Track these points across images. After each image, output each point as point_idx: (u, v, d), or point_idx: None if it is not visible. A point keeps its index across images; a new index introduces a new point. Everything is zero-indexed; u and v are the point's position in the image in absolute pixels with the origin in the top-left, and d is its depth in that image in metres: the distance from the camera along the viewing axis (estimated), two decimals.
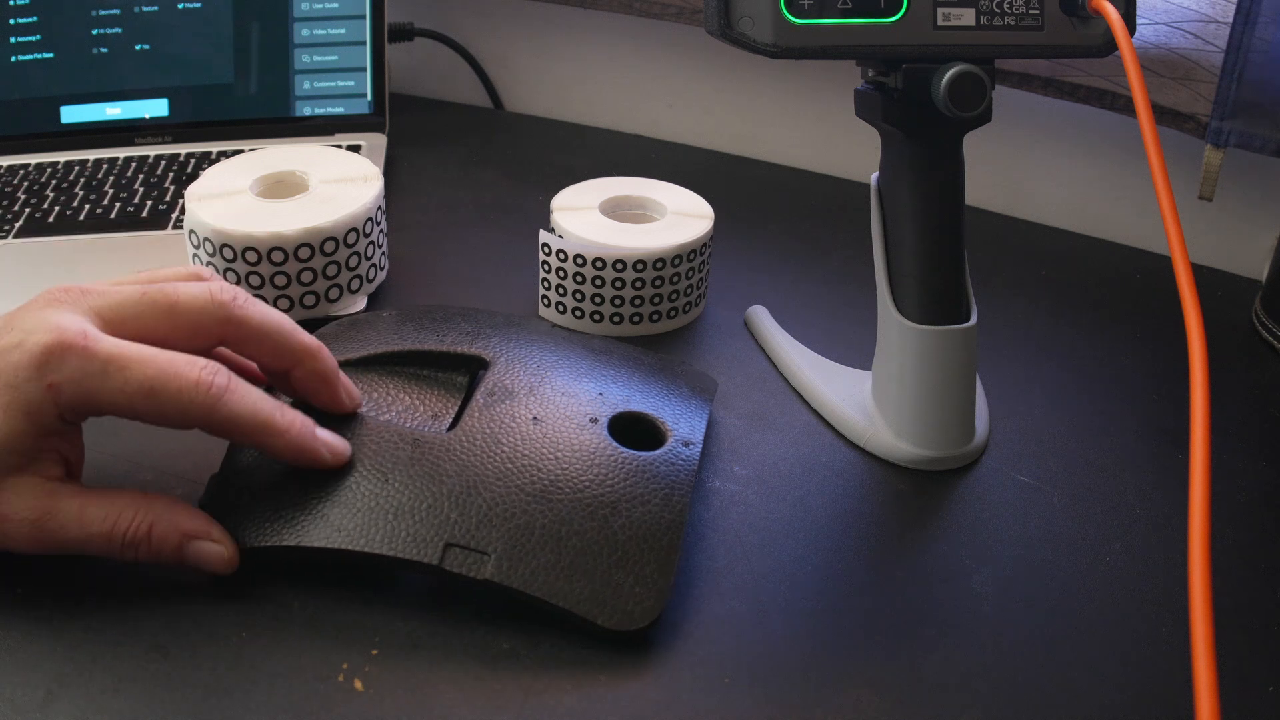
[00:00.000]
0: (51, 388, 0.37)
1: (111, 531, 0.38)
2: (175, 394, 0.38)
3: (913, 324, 0.47)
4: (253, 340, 0.41)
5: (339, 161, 0.60)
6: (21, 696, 0.35)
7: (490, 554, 0.39)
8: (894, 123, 0.45)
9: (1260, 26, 0.62)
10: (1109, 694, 0.39)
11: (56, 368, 0.37)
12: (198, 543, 0.39)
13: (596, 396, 0.46)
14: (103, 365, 0.37)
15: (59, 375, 0.37)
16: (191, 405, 0.38)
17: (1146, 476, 0.50)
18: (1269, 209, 0.71)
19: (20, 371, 0.37)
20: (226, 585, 0.40)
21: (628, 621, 0.39)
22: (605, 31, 0.87)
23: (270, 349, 0.41)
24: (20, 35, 0.72)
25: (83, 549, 0.39)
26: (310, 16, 0.76)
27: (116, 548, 0.39)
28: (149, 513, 0.39)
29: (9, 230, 0.64)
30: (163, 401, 0.38)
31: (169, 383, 0.38)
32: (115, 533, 0.38)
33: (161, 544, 0.39)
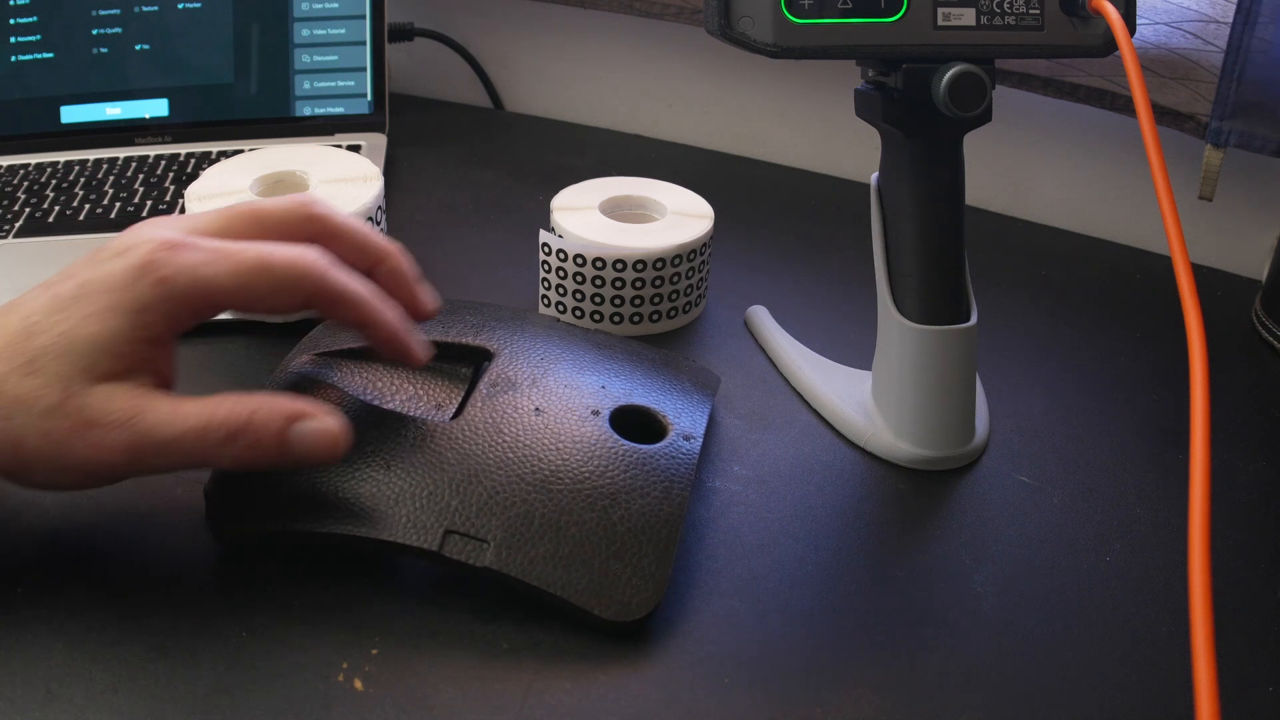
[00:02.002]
0: (161, 281, 0.37)
1: (208, 423, 0.37)
2: (287, 265, 0.38)
3: (913, 324, 0.47)
4: (336, 237, 0.42)
5: (339, 161, 0.60)
6: (21, 696, 0.35)
7: (489, 542, 0.39)
8: (894, 123, 0.45)
9: (1260, 26, 0.62)
10: (1109, 694, 0.39)
11: (164, 264, 0.37)
12: (302, 423, 0.38)
13: (599, 389, 0.46)
14: (211, 253, 0.38)
15: (168, 269, 0.37)
16: (305, 274, 0.39)
17: (1146, 476, 0.50)
18: (1269, 209, 0.71)
19: (126, 273, 0.37)
20: (226, 585, 0.40)
21: (625, 612, 0.39)
22: (605, 31, 0.87)
23: (353, 246, 0.42)
24: (20, 35, 0.72)
25: (176, 454, 0.37)
26: (310, 16, 0.76)
27: (214, 444, 0.37)
28: (248, 401, 0.38)
29: (9, 230, 0.64)
30: (276, 274, 0.38)
31: (278, 256, 0.38)
32: (212, 423, 0.37)
33: (263, 430, 0.37)
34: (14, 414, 0.36)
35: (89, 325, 0.37)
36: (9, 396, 0.36)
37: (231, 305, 0.39)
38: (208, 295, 0.38)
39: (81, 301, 0.37)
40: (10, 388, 0.36)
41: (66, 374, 0.36)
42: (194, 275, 0.37)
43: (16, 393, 0.36)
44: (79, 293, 0.38)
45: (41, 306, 0.38)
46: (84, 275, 0.38)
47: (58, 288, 0.38)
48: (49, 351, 0.37)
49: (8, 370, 0.37)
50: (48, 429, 0.36)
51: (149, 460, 0.37)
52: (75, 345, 0.37)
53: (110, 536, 0.42)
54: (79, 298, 0.37)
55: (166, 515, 0.43)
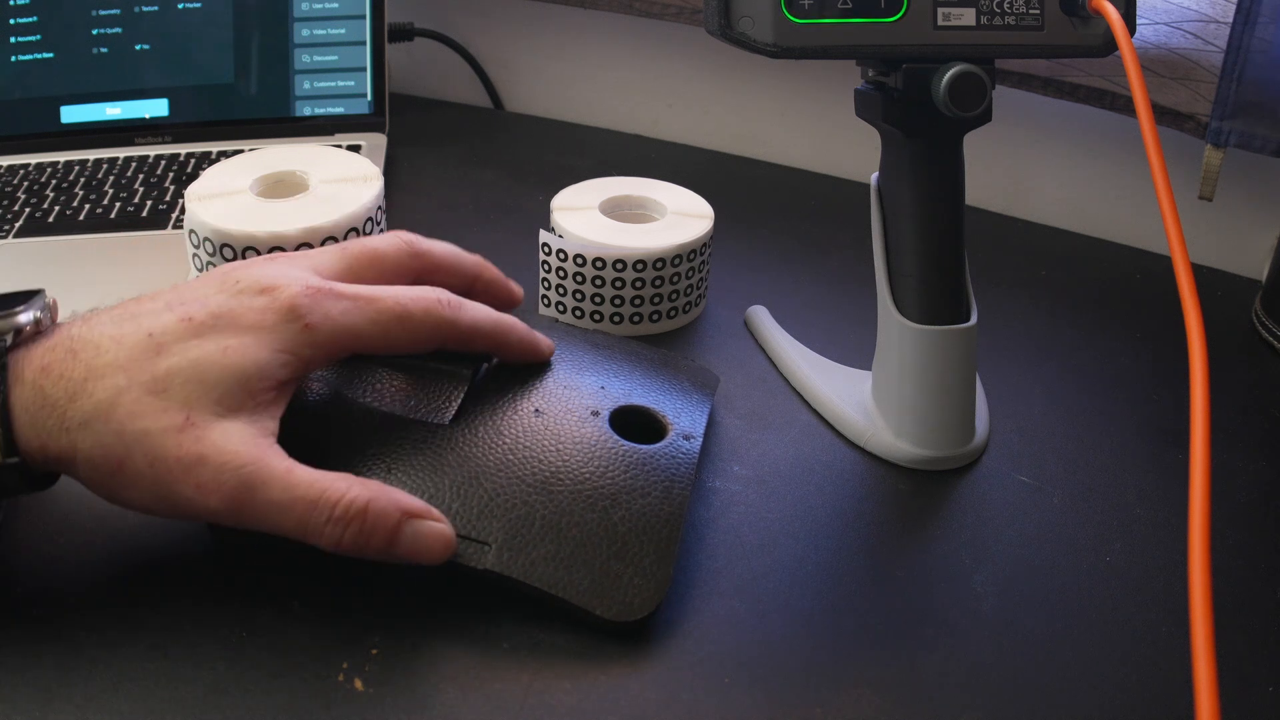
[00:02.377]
0: (309, 327, 0.38)
1: (320, 499, 0.36)
2: (425, 313, 0.41)
3: (913, 324, 0.47)
4: (438, 269, 0.45)
5: (339, 161, 0.60)
6: (21, 696, 0.35)
7: (491, 544, 0.39)
8: (894, 123, 0.45)
9: (1260, 26, 0.62)
10: (1109, 694, 0.39)
11: (310, 310, 0.38)
12: (418, 523, 0.37)
13: (599, 390, 0.46)
14: (353, 301, 0.39)
15: (315, 316, 0.38)
16: (441, 319, 0.41)
17: (1146, 476, 0.50)
18: (1269, 209, 0.71)
19: (273, 314, 0.37)
20: (226, 585, 0.40)
21: (626, 612, 0.39)
22: (605, 31, 0.87)
23: (453, 270, 0.45)
24: (20, 35, 0.72)
25: (279, 518, 0.36)
26: (310, 16, 0.76)
27: (321, 521, 0.36)
28: (365, 488, 0.37)
29: (9, 230, 0.64)
30: (416, 322, 0.41)
31: (416, 304, 0.41)
32: (324, 501, 0.36)
33: (378, 521, 0.37)
34: (128, 430, 0.35)
35: (229, 356, 0.36)
36: (126, 411, 0.35)
37: (369, 350, 0.40)
38: (350, 342, 0.39)
39: (220, 331, 0.37)
40: (129, 402, 0.35)
41: (194, 400, 0.35)
42: (339, 323, 0.39)
43: (135, 408, 0.35)
44: (215, 322, 0.37)
45: (170, 327, 0.37)
46: (218, 304, 0.37)
47: (188, 309, 0.37)
48: (179, 374, 0.36)
49: (129, 384, 0.35)
50: (158, 453, 0.35)
51: (247, 514, 0.36)
52: (210, 373, 0.36)
53: (110, 536, 0.42)
54: (216, 327, 0.37)
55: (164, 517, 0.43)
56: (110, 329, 0.37)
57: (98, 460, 0.35)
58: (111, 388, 0.35)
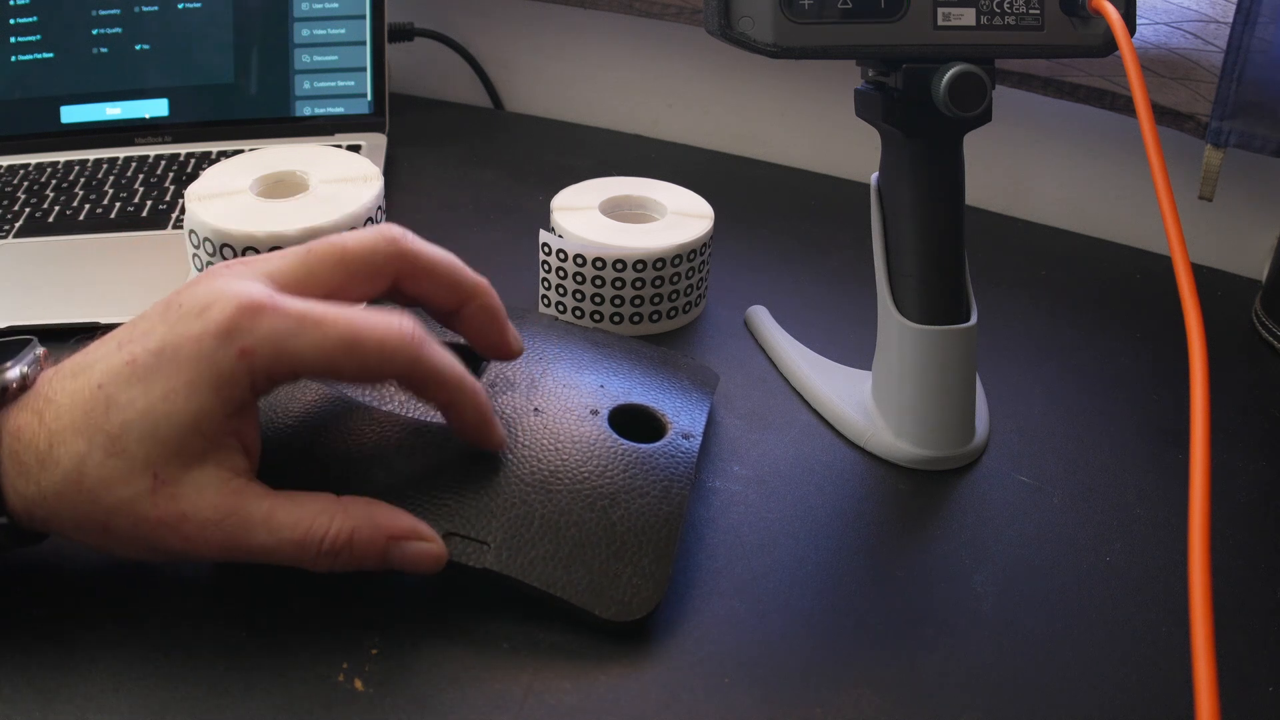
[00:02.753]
0: (244, 353, 0.34)
1: (305, 539, 0.36)
2: (378, 344, 0.36)
3: (913, 324, 0.47)
4: (426, 274, 0.39)
5: (339, 161, 0.60)
6: (21, 696, 0.35)
7: (489, 543, 0.39)
8: (894, 123, 0.45)
9: (1260, 26, 0.62)
10: (1109, 694, 0.39)
11: (248, 331, 0.34)
12: (405, 544, 0.37)
13: (598, 389, 0.46)
14: (297, 323, 0.35)
15: (251, 339, 0.34)
16: (396, 353, 0.36)
17: (1146, 476, 0.50)
18: (1269, 209, 0.71)
19: (206, 342, 0.34)
20: (226, 585, 0.40)
21: (625, 612, 0.39)
22: (605, 31, 0.87)
23: (444, 282, 0.40)
24: (20, 35, 0.72)
25: (271, 557, 0.36)
26: (310, 16, 0.76)
27: (311, 556, 0.36)
28: (347, 517, 0.36)
29: (9, 230, 0.64)
30: (365, 353, 0.36)
31: (370, 333, 0.36)
32: (310, 540, 0.36)
33: (365, 550, 0.37)
34: (100, 498, 0.35)
35: (172, 403, 0.34)
36: (93, 479, 0.34)
37: (317, 377, 0.38)
38: (292, 369, 0.36)
39: (160, 374, 0.35)
40: (93, 469, 0.34)
41: (154, 457, 0.34)
42: (276, 349, 0.35)
43: (101, 474, 0.34)
44: (157, 362, 0.35)
45: (116, 373, 0.35)
46: (159, 337, 0.35)
47: (132, 349, 0.35)
48: (131, 430, 0.34)
49: (88, 449, 0.34)
50: (140, 517, 0.35)
51: (241, 558, 0.36)
52: (159, 426, 0.34)
53: None
54: (157, 368, 0.35)
55: None
56: (68, 383, 0.36)
57: (85, 528, 0.36)
58: (74, 454, 0.35)
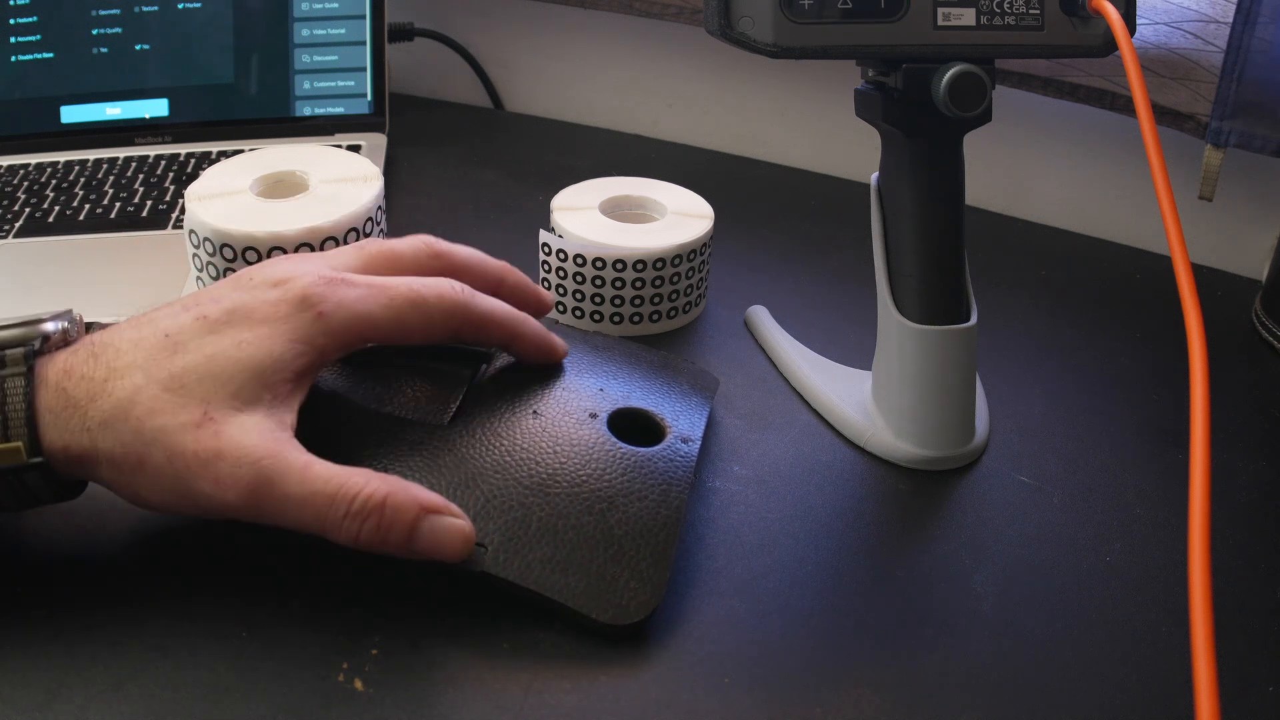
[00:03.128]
0: (322, 315, 0.38)
1: (338, 493, 0.36)
2: (438, 299, 0.41)
3: (913, 324, 0.47)
4: (461, 270, 0.44)
5: (339, 161, 0.60)
6: (21, 696, 0.35)
7: (487, 546, 0.39)
8: (894, 123, 0.45)
9: (1260, 26, 0.62)
10: (1109, 694, 0.39)
11: (323, 298, 0.38)
12: (436, 518, 0.37)
13: (597, 392, 0.46)
14: (367, 289, 0.40)
15: (327, 304, 0.38)
16: (455, 305, 0.41)
17: (1146, 476, 0.50)
18: (1269, 209, 0.71)
19: (283, 306, 0.38)
20: (226, 585, 0.40)
21: (622, 616, 0.39)
22: (605, 31, 0.87)
23: (477, 274, 0.45)
24: (20, 35, 0.72)
25: (298, 512, 0.36)
26: (310, 16, 0.76)
27: (339, 516, 0.36)
28: (384, 482, 0.37)
29: (9, 230, 0.64)
30: (429, 307, 0.41)
31: (429, 291, 0.41)
32: (342, 495, 0.36)
33: (396, 516, 0.36)
34: (146, 427, 0.35)
35: (243, 350, 0.37)
36: (145, 408, 0.36)
37: (385, 338, 0.40)
38: (364, 329, 0.39)
39: (234, 326, 0.37)
40: (147, 399, 0.36)
41: (211, 395, 0.36)
42: (353, 310, 0.39)
43: (153, 405, 0.35)
44: (230, 318, 0.37)
45: (185, 326, 0.37)
46: (234, 300, 0.38)
47: (203, 309, 0.38)
48: (195, 371, 0.36)
49: (147, 382, 0.36)
50: (176, 449, 0.35)
51: (265, 509, 0.36)
52: (226, 368, 0.36)
53: (110, 536, 0.42)
54: (231, 322, 0.37)
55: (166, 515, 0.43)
56: (130, 333, 0.38)
57: (118, 458, 0.36)
58: (130, 386, 0.36)
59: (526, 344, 0.45)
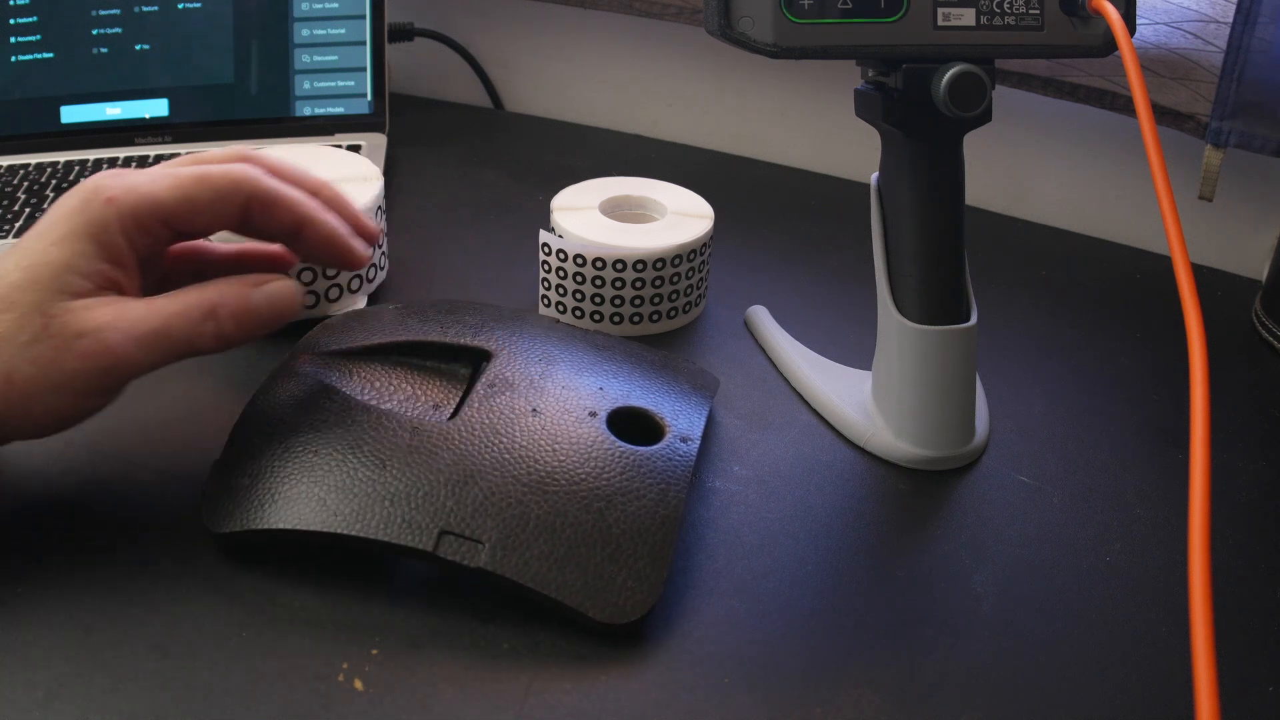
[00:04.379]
0: (110, 200, 0.40)
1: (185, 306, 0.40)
2: (224, 174, 0.42)
3: (913, 324, 0.47)
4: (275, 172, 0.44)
5: (339, 161, 0.60)
6: (21, 696, 0.35)
7: (485, 543, 0.39)
8: (894, 123, 0.45)
9: (1260, 26, 0.62)
10: (1109, 694, 0.39)
11: (109, 186, 0.40)
12: (263, 286, 0.41)
13: (597, 391, 0.46)
14: (152, 175, 0.41)
15: (114, 190, 0.40)
16: (243, 180, 0.42)
17: (1146, 476, 0.50)
18: (1269, 209, 0.71)
19: (76, 202, 0.40)
20: (226, 585, 0.40)
21: (619, 615, 0.39)
22: (605, 31, 0.87)
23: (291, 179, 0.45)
24: (20, 35, 0.72)
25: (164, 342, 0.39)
26: (310, 16, 0.76)
27: (195, 322, 0.40)
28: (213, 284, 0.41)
29: (9, 230, 0.64)
30: (215, 183, 0.41)
31: (216, 168, 0.42)
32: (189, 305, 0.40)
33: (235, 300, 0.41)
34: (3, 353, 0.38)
35: (51, 253, 0.39)
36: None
37: (176, 216, 0.41)
38: (154, 209, 0.41)
39: (40, 237, 0.40)
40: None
41: (41, 301, 0.38)
42: (138, 192, 0.40)
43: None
44: (37, 231, 0.40)
45: (7, 256, 0.40)
46: (42, 222, 0.41)
47: (22, 238, 0.40)
48: (20, 286, 0.38)
49: None
50: (35, 354, 0.38)
51: (138, 356, 0.39)
52: (43, 274, 0.39)
53: (110, 536, 0.42)
54: (38, 235, 0.40)
55: (166, 515, 0.43)
56: None
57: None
58: None
59: (319, 234, 0.44)
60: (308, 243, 0.44)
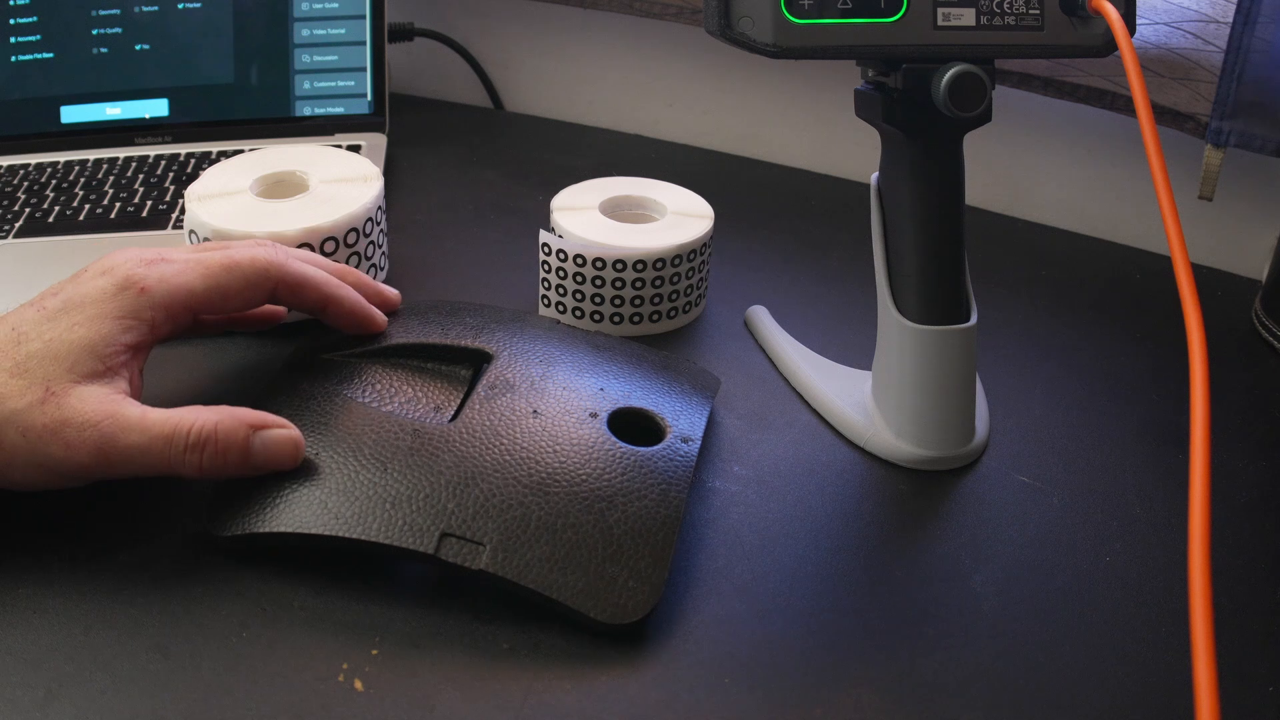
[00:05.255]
0: (143, 291, 0.42)
1: (174, 433, 0.39)
2: (251, 261, 0.44)
3: (913, 324, 0.47)
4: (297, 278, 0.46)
5: (339, 161, 0.60)
6: (21, 696, 0.35)
7: (486, 545, 0.39)
8: (894, 123, 0.45)
9: (1260, 26, 0.62)
10: (1109, 694, 0.39)
11: (144, 276, 0.42)
12: (265, 433, 0.41)
13: (597, 392, 0.46)
14: (184, 264, 0.43)
15: (148, 280, 0.42)
16: (269, 266, 0.45)
17: (1146, 476, 0.50)
18: (1269, 209, 0.71)
19: (111, 288, 0.41)
20: (226, 585, 0.40)
21: (620, 615, 0.39)
22: (605, 31, 0.87)
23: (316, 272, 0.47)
24: (20, 35, 0.72)
25: (144, 459, 0.39)
26: (310, 16, 0.76)
27: (179, 451, 0.39)
28: (213, 413, 0.41)
29: (9, 230, 0.64)
30: (243, 269, 0.44)
31: (243, 254, 0.44)
32: (179, 432, 0.39)
33: (228, 440, 0.40)
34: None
35: (76, 331, 0.40)
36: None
37: (208, 306, 0.43)
38: (185, 299, 0.43)
39: (69, 313, 0.41)
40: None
41: (51, 374, 0.39)
42: (171, 283, 0.42)
43: (3, 392, 0.39)
44: (65, 306, 0.41)
45: (29, 319, 0.41)
46: (69, 293, 0.42)
47: (44, 303, 0.42)
48: (36, 356, 0.40)
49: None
50: (27, 424, 0.38)
51: (115, 462, 0.39)
52: (61, 349, 0.40)
53: (111, 537, 0.42)
54: (66, 310, 0.41)
55: (166, 516, 0.43)
56: None
57: None
58: None
59: (342, 309, 0.47)
60: (332, 317, 0.47)
